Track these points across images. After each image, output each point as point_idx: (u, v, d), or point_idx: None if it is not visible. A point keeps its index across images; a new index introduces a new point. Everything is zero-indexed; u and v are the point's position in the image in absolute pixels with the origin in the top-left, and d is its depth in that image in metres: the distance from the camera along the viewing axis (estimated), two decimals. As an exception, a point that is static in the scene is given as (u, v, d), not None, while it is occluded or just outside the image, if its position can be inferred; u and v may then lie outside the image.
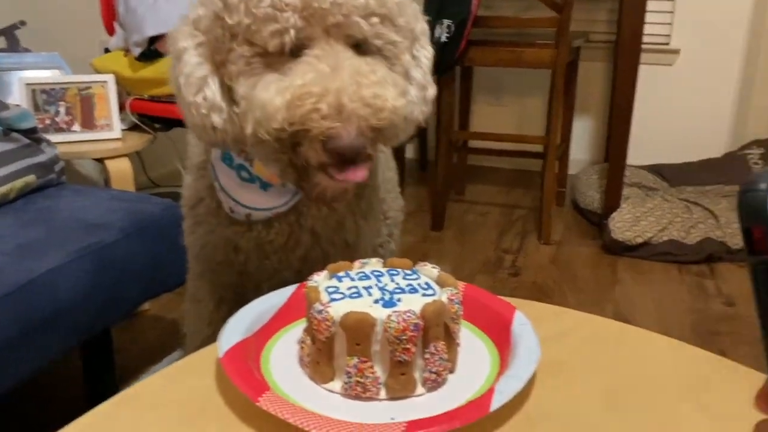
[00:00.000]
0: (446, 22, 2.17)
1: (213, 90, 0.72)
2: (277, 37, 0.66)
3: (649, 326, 1.77)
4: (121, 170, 1.73)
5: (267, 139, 0.67)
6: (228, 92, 0.73)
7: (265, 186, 0.82)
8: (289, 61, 0.67)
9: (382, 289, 0.62)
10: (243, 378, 0.56)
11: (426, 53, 0.78)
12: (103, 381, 1.45)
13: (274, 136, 0.66)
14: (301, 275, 0.92)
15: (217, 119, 0.73)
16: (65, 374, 1.54)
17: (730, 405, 0.59)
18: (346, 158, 0.66)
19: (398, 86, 0.69)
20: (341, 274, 0.66)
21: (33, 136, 1.40)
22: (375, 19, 0.67)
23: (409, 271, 0.66)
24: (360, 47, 0.69)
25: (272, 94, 0.65)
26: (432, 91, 0.80)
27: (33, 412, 1.42)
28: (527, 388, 0.59)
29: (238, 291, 1.00)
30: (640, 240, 2.21)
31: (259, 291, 0.97)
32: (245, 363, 0.59)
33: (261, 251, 0.89)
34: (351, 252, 0.93)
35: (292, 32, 0.65)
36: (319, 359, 0.59)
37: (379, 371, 0.57)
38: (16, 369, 1.06)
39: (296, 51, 0.67)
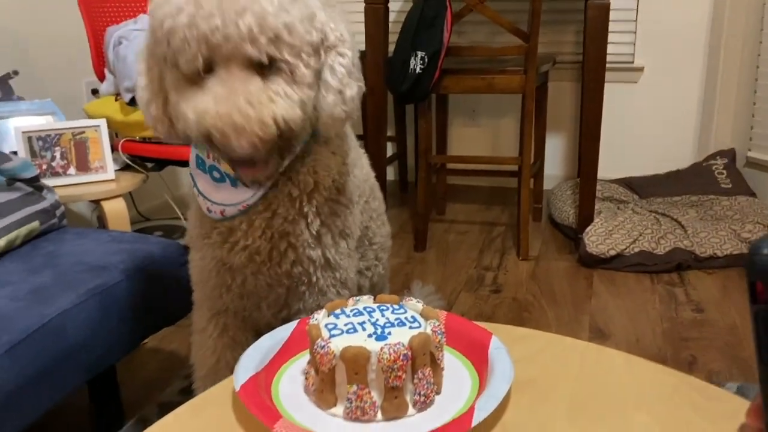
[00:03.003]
0: (420, 54, 2.29)
1: (154, 108, 0.92)
2: (190, 64, 0.81)
3: (624, 336, 1.89)
4: (117, 210, 1.81)
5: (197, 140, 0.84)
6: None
7: (234, 183, 0.96)
8: (205, 78, 0.83)
9: (374, 324, 0.71)
10: (259, 408, 0.65)
11: (342, 60, 0.90)
12: (109, 414, 1.52)
13: (199, 140, 0.83)
14: (290, 291, 1.04)
15: (161, 127, 0.94)
16: (73, 410, 1.60)
17: (680, 414, 0.69)
18: (244, 161, 0.84)
19: (290, 98, 0.83)
20: (338, 311, 0.75)
21: (35, 184, 1.48)
22: (263, 43, 0.80)
23: (396, 306, 0.76)
24: (260, 66, 0.82)
25: (188, 111, 0.82)
26: (351, 91, 0.91)
27: (43, 447, 1.49)
28: (503, 405, 0.68)
29: (241, 316, 1.09)
30: (613, 252, 2.33)
31: (260, 310, 1.07)
32: (259, 395, 0.68)
33: (252, 262, 1.00)
34: (333, 271, 1.03)
35: (200, 60, 0.81)
36: (323, 388, 0.68)
37: (376, 396, 0.66)
38: (30, 409, 1.14)
39: (209, 70, 0.82)
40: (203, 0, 0.79)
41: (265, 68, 0.82)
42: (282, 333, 0.81)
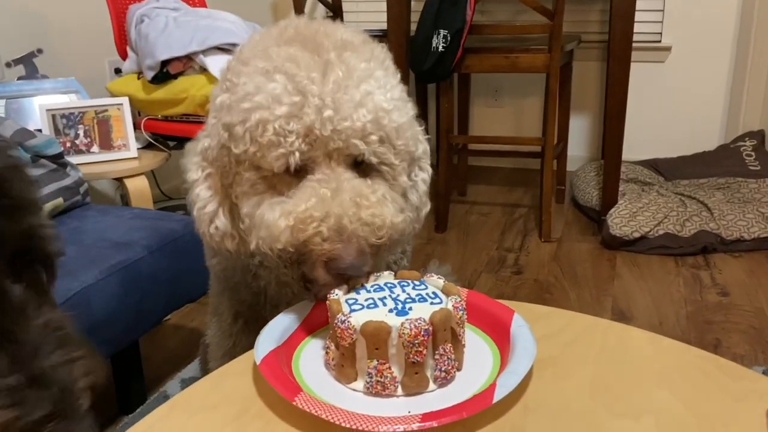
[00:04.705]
0: (442, 32, 2.26)
1: (222, 221, 0.80)
2: (282, 160, 0.70)
3: (647, 318, 1.86)
4: (140, 188, 1.82)
5: (271, 255, 0.73)
6: (236, 211, 0.79)
7: None
8: (292, 181, 0.72)
9: (395, 299, 0.71)
10: (279, 381, 0.65)
11: (424, 176, 0.83)
12: (132, 388, 1.54)
13: (276, 254, 0.72)
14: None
15: (229, 244, 0.81)
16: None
17: (705, 393, 0.67)
18: (347, 276, 0.71)
19: (397, 203, 0.75)
20: (358, 286, 0.74)
21: (59, 161, 1.49)
22: (374, 141, 0.71)
23: (417, 282, 0.75)
24: (360, 166, 0.73)
25: (277, 216, 0.70)
26: (426, 209, 0.85)
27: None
28: (525, 382, 0.67)
29: (254, 309, 1.04)
30: (637, 235, 2.30)
31: (276, 311, 0.99)
32: (280, 368, 0.68)
33: (280, 281, 0.94)
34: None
35: (297, 155, 0.70)
36: (343, 362, 0.68)
37: (396, 371, 0.66)
38: (57, 380, 1.15)
39: (300, 171, 0.72)
40: (310, 87, 0.69)
41: (365, 170, 0.74)
42: (303, 309, 0.81)
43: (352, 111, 0.70)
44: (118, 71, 2.38)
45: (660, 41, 3.04)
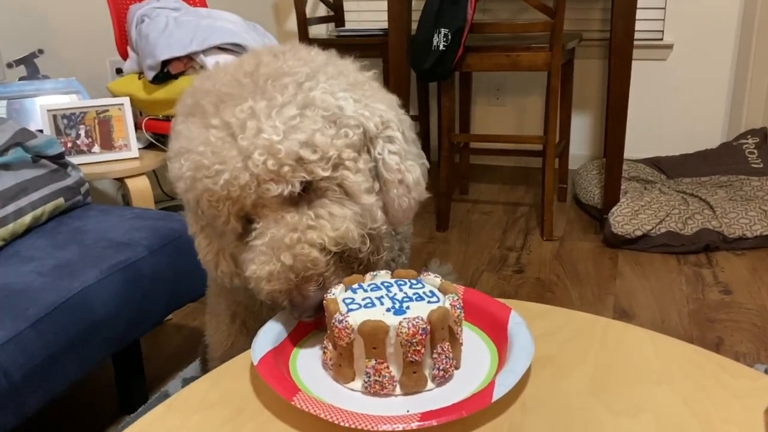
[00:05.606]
0: (443, 31, 2.25)
1: (225, 265, 0.84)
2: (228, 224, 0.73)
3: (649, 317, 1.86)
4: (141, 188, 1.82)
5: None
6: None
7: None
8: (252, 232, 0.74)
9: (392, 298, 0.71)
10: (277, 381, 0.65)
11: (391, 147, 0.79)
12: (134, 387, 1.54)
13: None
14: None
15: (238, 281, 0.84)
16: (99, 383, 1.63)
17: (705, 390, 0.67)
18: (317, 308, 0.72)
19: (339, 215, 0.73)
20: (355, 286, 0.74)
21: (60, 161, 1.49)
22: (287, 172, 0.69)
23: (414, 281, 0.75)
24: (298, 194, 0.72)
25: (250, 279, 0.74)
26: (414, 174, 0.80)
27: (70, 419, 1.52)
28: (523, 380, 0.67)
29: (251, 310, 1.05)
30: (639, 233, 2.29)
31: (272, 313, 1.02)
32: (277, 368, 0.68)
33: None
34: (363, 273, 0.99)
35: (233, 219, 0.73)
36: (341, 362, 0.68)
37: (394, 371, 0.66)
38: (57, 381, 1.16)
39: (252, 221, 0.74)
40: (203, 160, 0.70)
41: (306, 193, 0.72)
42: (301, 307, 0.80)
43: (243, 162, 0.69)
44: (119, 71, 2.38)
45: (662, 39, 3.03)
